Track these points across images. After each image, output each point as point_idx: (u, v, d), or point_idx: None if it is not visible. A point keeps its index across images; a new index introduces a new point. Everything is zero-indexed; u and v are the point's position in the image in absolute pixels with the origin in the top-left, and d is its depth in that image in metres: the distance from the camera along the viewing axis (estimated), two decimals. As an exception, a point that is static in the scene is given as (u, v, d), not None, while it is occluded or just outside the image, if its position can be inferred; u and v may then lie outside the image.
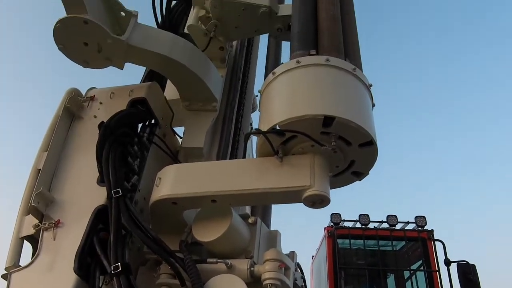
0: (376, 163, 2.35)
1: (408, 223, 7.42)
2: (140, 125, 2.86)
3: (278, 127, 2.18)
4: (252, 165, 2.38)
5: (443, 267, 6.69)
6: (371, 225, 7.37)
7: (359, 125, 2.12)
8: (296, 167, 2.22)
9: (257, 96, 4.21)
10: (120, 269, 1.97)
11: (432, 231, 7.24)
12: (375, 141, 2.21)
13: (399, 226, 7.41)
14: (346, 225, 7.43)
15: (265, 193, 2.22)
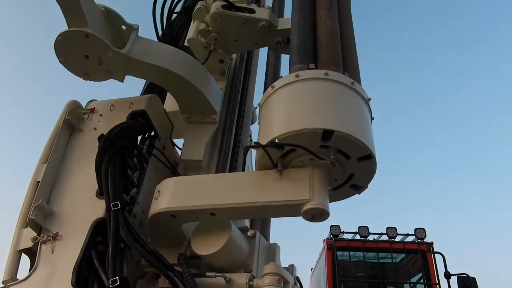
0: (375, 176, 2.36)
1: (407, 235, 7.40)
2: (139, 137, 2.87)
3: (277, 141, 2.19)
4: (251, 178, 2.38)
5: (443, 280, 6.67)
6: (371, 237, 7.35)
7: (357, 138, 2.13)
8: (295, 181, 2.22)
9: (256, 108, 4.23)
10: (118, 283, 1.95)
11: (432, 243, 7.22)
12: (374, 154, 2.22)
13: (398, 238, 7.39)
14: (345, 237, 7.41)
15: (264, 206, 2.22)
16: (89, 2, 2.71)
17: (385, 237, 7.33)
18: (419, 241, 7.25)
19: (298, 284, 2.91)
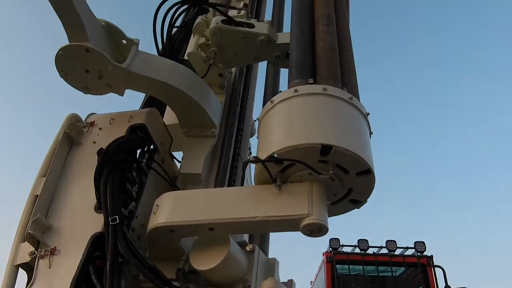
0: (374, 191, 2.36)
1: (407, 248, 7.37)
2: (139, 151, 2.88)
3: (276, 155, 2.20)
4: (250, 193, 2.38)
5: (444, 294, 6.62)
6: (370, 251, 7.32)
7: (356, 153, 2.14)
8: (294, 195, 2.22)
9: (256, 120, 4.25)
10: None
11: (431, 256, 7.19)
12: (372, 169, 2.22)
13: (398, 251, 7.36)
14: (345, 250, 7.38)
15: (263, 221, 2.21)
16: (90, 16, 2.73)
17: (384, 250, 7.30)
18: (419, 254, 7.22)
19: (297, 299, 2.89)
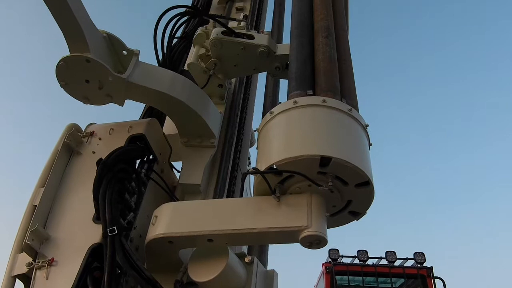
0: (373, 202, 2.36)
1: (407, 259, 7.33)
2: (138, 161, 2.88)
3: (275, 167, 2.20)
4: (249, 204, 2.37)
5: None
6: (370, 262, 7.27)
7: (355, 165, 2.14)
8: (293, 207, 2.22)
9: (255, 131, 4.26)
10: None
11: (431, 268, 7.14)
12: (371, 181, 2.22)
13: (398, 262, 7.32)
14: (344, 261, 7.34)
15: (262, 233, 2.20)
16: (91, 27, 2.75)
17: (384, 261, 7.26)
18: (419, 265, 7.18)
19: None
